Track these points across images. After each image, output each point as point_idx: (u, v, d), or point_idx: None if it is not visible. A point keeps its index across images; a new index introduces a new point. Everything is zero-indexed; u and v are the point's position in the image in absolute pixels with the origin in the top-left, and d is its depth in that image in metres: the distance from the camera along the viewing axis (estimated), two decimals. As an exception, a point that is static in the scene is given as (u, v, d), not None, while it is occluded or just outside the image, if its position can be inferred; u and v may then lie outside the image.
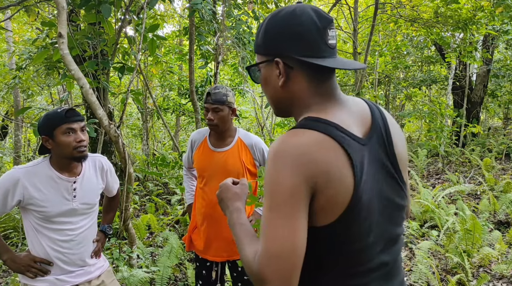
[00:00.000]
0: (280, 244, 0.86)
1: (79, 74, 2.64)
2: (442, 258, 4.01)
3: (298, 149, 0.89)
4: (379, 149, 1.01)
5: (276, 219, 0.87)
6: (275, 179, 0.88)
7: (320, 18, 0.99)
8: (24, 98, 7.77)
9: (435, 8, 7.12)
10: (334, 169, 0.89)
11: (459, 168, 8.23)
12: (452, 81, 9.74)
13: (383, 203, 1.00)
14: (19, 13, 5.29)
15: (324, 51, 0.99)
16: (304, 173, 0.87)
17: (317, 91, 1.02)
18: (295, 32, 0.98)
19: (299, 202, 0.87)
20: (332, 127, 0.94)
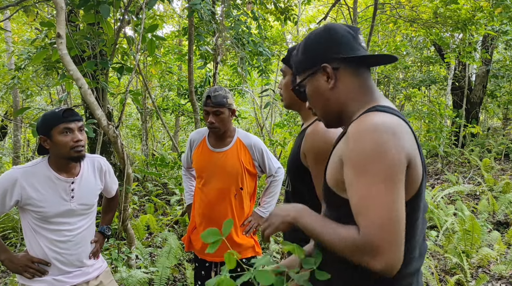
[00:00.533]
0: (388, 212, 0.90)
1: (78, 74, 2.64)
2: (441, 258, 4.01)
3: (394, 128, 0.95)
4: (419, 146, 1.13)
5: (379, 190, 0.91)
6: (376, 152, 0.92)
7: (350, 27, 1.14)
8: (23, 98, 7.76)
9: (434, 9, 7.12)
10: (416, 152, 0.98)
11: (458, 169, 8.23)
12: (451, 81, 9.75)
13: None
14: (19, 13, 5.29)
15: (361, 51, 1.12)
16: (405, 149, 0.94)
17: (365, 87, 1.12)
18: (335, 39, 1.11)
19: (401, 174, 0.93)
20: (400, 114, 1.04)
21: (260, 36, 5.50)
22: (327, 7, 9.70)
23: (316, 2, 9.42)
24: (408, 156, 0.95)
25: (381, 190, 0.91)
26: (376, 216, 0.90)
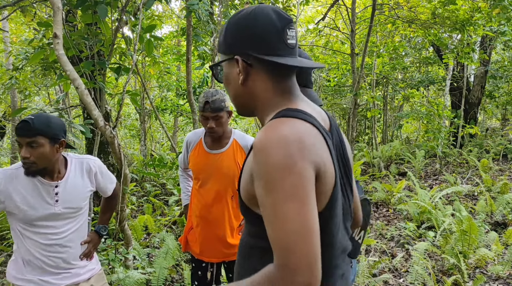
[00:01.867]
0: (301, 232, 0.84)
1: (75, 75, 2.63)
2: (438, 259, 4.01)
3: (300, 137, 0.89)
4: (338, 149, 1.07)
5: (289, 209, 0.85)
6: (282, 166, 0.86)
7: (279, 18, 1.01)
8: (21, 99, 7.75)
9: (433, 9, 7.13)
10: (326, 159, 0.93)
11: (456, 169, 8.24)
12: (449, 82, 9.76)
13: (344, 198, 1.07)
14: (16, 13, 5.28)
15: (282, 50, 1.01)
16: (311, 159, 0.88)
17: (279, 89, 1.04)
18: (254, 31, 1.00)
19: (311, 188, 0.87)
20: (313, 119, 0.97)
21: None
22: (326, 7, 9.71)
23: (315, 2, 9.42)
24: (316, 167, 0.89)
25: (291, 208, 0.85)
26: (288, 240, 0.84)
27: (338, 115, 14.83)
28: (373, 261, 3.91)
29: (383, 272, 3.77)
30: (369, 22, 6.58)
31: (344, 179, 1.07)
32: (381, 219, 5.64)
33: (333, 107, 13.71)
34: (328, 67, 11.84)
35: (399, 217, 5.63)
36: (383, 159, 9.77)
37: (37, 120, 1.74)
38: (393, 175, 8.03)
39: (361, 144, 11.71)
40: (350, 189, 1.11)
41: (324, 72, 12.05)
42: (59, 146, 1.83)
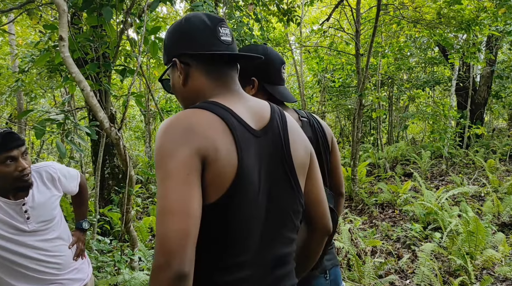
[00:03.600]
0: (175, 206, 0.85)
1: (80, 77, 2.65)
2: (445, 260, 3.98)
3: (189, 124, 0.92)
4: (274, 148, 1.04)
5: (170, 187, 0.87)
6: (166, 150, 0.90)
7: (210, 18, 1.07)
8: (27, 101, 7.80)
9: (438, 9, 7.10)
10: (222, 147, 0.93)
11: (463, 170, 8.19)
12: (455, 82, 9.70)
13: (273, 202, 1.02)
14: (22, 16, 5.32)
15: (218, 46, 1.05)
16: (195, 145, 0.90)
17: (216, 84, 1.07)
18: (187, 32, 1.06)
19: (191, 171, 0.88)
20: (225, 111, 0.98)
21: (262, 38, 5.50)
22: (330, 8, 9.69)
23: (319, 3, 9.41)
24: (202, 154, 0.90)
25: (168, 190, 0.87)
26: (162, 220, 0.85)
27: (343, 115, 14.80)
28: (379, 262, 3.90)
29: (389, 273, 3.75)
30: (374, 22, 6.56)
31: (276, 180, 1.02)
32: (387, 220, 5.61)
33: (338, 108, 13.68)
34: (333, 68, 11.82)
35: (405, 218, 5.60)
36: (389, 160, 9.72)
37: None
38: (399, 176, 7.99)
39: (366, 145, 11.67)
40: (297, 187, 1.07)
41: (329, 73, 12.03)
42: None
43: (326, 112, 14.39)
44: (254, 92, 1.48)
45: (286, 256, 1.07)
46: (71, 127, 2.80)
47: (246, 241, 0.98)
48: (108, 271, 3.34)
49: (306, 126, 1.53)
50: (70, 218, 5.06)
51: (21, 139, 1.68)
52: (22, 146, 1.68)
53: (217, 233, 0.96)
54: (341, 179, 1.66)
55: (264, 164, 1.01)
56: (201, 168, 0.91)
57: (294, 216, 1.08)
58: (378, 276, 3.66)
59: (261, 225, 1.00)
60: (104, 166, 5.19)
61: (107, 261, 3.38)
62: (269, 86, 1.48)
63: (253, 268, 0.99)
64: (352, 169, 6.72)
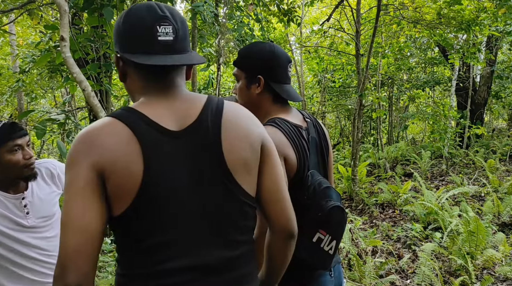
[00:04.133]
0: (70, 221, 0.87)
1: (81, 77, 2.65)
2: (445, 260, 3.99)
3: (89, 138, 0.92)
4: (200, 146, 0.98)
5: (66, 201, 0.89)
6: (68, 163, 0.92)
7: (151, 14, 0.99)
8: (28, 101, 7.81)
9: (438, 10, 7.10)
10: (122, 158, 0.91)
11: (463, 170, 8.19)
12: (455, 82, 9.71)
13: (204, 205, 0.98)
14: (23, 16, 5.33)
15: (152, 47, 0.98)
16: (91, 159, 0.90)
17: (146, 85, 1.03)
18: (121, 30, 1.01)
19: (87, 185, 0.89)
20: (135, 117, 0.95)
21: (263, 38, 5.51)
22: (331, 8, 9.70)
23: (319, 3, 9.42)
24: (99, 167, 0.90)
25: (66, 202, 0.90)
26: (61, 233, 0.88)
27: (343, 116, 14.81)
28: (380, 262, 3.90)
29: (389, 273, 3.76)
30: (374, 22, 6.56)
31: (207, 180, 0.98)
32: (387, 220, 5.61)
33: (338, 108, 13.69)
34: (333, 68, 11.82)
35: (406, 218, 5.60)
36: (389, 160, 9.73)
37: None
38: (399, 176, 8.00)
39: (367, 145, 11.68)
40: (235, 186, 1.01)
41: (329, 73, 12.04)
42: None
43: (326, 112, 14.40)
44: (260, 90, 1.47)
45: (232, 260, 1.01)
46: (72, 127, 2.81)
47: (170, 248, 0.95)
48: (109, 271, 3.34)
49: (311, 127, 1.51)
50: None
51: (24, 129, 1.71)
52: (26, 136, 1.70)
53: (137, 242, 0.95)
54: (332, 181, 1.65)
55: (188, 165, 0.97)
56: (100, 182, 0.91)
57: (239, 216, 1.02)
58: (379, 276, 3.66)
59: (193, 229, 0.96)
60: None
61: (108, 261, 3.38)
62: (275, 84, 1.46)
63: (187, 274, 0.96)
64: (352, 169, 6.72)
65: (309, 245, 1.33)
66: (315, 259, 1.35)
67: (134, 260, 0.96)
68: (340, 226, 1.41)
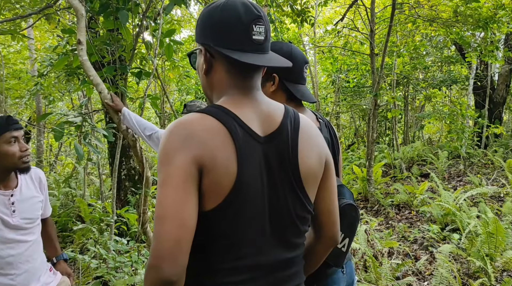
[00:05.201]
0: (169, 213, 0.87)
1: (98, 80, 2.69)
2: (464, 262, 3.92)
3: (188, 130, 0.93)
4: (280, 153, 1.02)
5: (165, 193, 0.89)
6: (166, 156, 0.91)
7: (247, 12, 1.00)
8: (45, 104, 7.95)
9: (454, 7, 6.99)
10: (220, 154, 0.92)
11: (481, 170, 8.04)
12: (473, 81, 9.54)
13: (276, 209, 1.01)
14: (41, 21, 5.43)
15: (246, 46, 1.00)
16: (192, 152, 0.91)
17: (233, 84, 1.04)
18: (217, 24, 1.01)
19: (187, 178, 0.89)
20: (229, 117, 0.97)
21: (276, 39, 5.50)
22: (344, 8, 9.64)
23: (333, 3, 9.36)
24: (199, 161, 0.91)
25: (162, 195, 0.89)
26: (157, 224, 0.87)
27: (358, 116, 14.69)
28: (396, 264, 3.85)
29: (406, 275, 3.71)
30: (389, 21, 6.50)
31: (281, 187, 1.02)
32: (403, 221, 5.54)
33: (352, 108, 13.59)
34: (347, 68, 11.74)
35: (422, 219, 5.52)
36: (405, 160, 9.61)
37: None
38: (415, 177, 7.89)
39: (382, 145, 11.56)
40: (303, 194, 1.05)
41: (343, 73, 11.96)
42: None
43: (341, 112, 14.31)
44: (274, 88, 1.48)
45: (291, 260, 1.07)
46: (88, 130, 2.84)
47: (245, 247, 0.99)
48: (125, 271, 3.38)
49: (324, 128, 1.53)
50: (87, 219, 5.14)
51: (19, 123, 1.74)
52: (21, 129, 1.74)
53: (216, 239, 0.97)
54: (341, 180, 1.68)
55: (268, 171, 1.00)
56: (199, 176, 0.92)
57: (300, 222, 1.07)
58: (395, 277, 3.62)
59: (262, 231, 1.01)
60: (120, 168, 5.26)
61: (125, 262, 3.42)
62: (290, 84, 1.48)
63: (253, 272, 1.00)
64: (367, 169, 6.66)
65: None
66: (328, 256, 1.37)
67: (211, 256, 0.98)
68: (353, 224, 1.43)
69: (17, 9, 4.29)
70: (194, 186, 0.91)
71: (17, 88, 7.41)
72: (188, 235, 0.88)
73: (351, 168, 7.72)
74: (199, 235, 0.94)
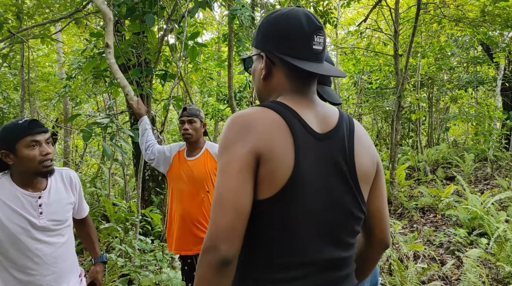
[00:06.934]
0: (226, 199, 0.92)
1: (125, 82, 2.75)
2: (492, 267, 3.81)
3: (248, 121, 0.97)
4: (336, 152, 1.04)
5: (223, 181, 0.93)
6: (226, 144, 0.96)
7: (309, 23, 1.04)
8: (72, 106, 8.16)
9: (482, 7, 6.83)
10: (278, 146, 0.95)
11: (509, 173, 7.81)
12: (501, 82, 9.28)
13: (332, 205, 1.02)
14: (69, 25, 5.59)
15: (306, 54, 1.05)
16: (250, 143, 0.94)
17: (292, 89, 1.08)
18: (281, 32, 1.05)
19: (243, 167, 0.93)
20: (289, 112, 1.01)
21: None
22: (367, 9, 9.54)
23: (356, 4, 9.29)
24: (257, 151, 0.94)
25: (220, 181, 0.93)
26: (214, 209, 0.92)
27: (380, 118, 14.49)
28: (422, 268, 3.78)
29: (432, 280, 3.64)
30: (414, 22, 6.40)
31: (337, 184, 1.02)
32: (428, 225, 5.44)
33: (375, 109, 13.42)
34: (370, 69, 11.61)
35: (448, 223, 5.40)
36: (429, 163, 9.42)
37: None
38: (440, 180, 7.73)
39: (405, 148, 11.37)
40: (358, 193, 1.06)
41: (366, 75, 11.83)
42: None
43: (363, 114, 14.15)
44: None
45: (344, 259, 1.06)
46: (114, 131, 2.90)
47: (298, 242, 0.99)
48: (150, 269, 3.43)
49: None
50: (113, 219, 5.24)
51: (45, 127, 1.74)
52: (46, 133, 1.72)
53: (268, 230, 0.98)
54: None
55: (325, 167, 1.01)
56: (256, 165, 0.95)
57: (354, 221, 1.07)
58: (421, 282, 3.55)
59: (316, 227, 1.01)
60: (144, 168, 5.34)
61: (150, 260, 3.47)
62: (319, 86, 1.56)
63: (305, 269, 1.00)
64: (390, 172, 6.56)
65: None
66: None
67: (262, 249, 1.00)
68: None
69: (47, 13, 4.43)
70: (250, 175, 0.94)
71: (46, 90, 7.62)
72: (241, 221, 0.92)
73: (374, 170, 7.61)
74: (252, 224, 0.97)
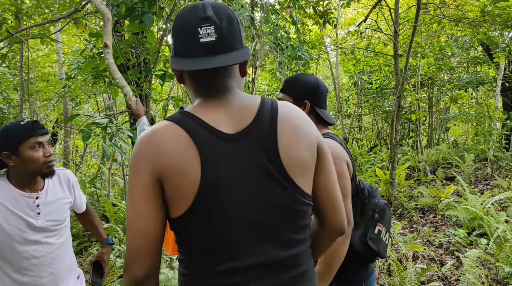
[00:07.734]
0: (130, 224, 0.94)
1: (123, 82, 2.74)
2: (492, 267, 3.81)
3: (150, 141, 0.96)
4: (255, 148, 0.98)
5: (128, 205, 0.96)
6: (130, 169, 0.98)
7: (193, 16, 0.97)
8: (72, 106, 8.16)
9: (482, 7, 6.83)
10: (180, 161, 0.94)
11: (509, 174, 7.80)
12: (501, 82, 9.27)
13: (261, 205, 0.98)
14: (68, 25, 5.59)
15: (196, 51, 0.97)
16: (150, 164, 0.94)
17: (199, 90, 1.05)
18: (174, 33, 1.02)
19: (145, 189, 0.94)
20: (193, 121, 0.98)
21: (298, 40, 5.49)
22: (367, 9, 9.53)
23: (356, 4, 9.28)
24: (156, 171, 0.94)
25: (128, 204, 0.95)
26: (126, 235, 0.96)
27: (380, 118, 14.48)
28: (421, 268, 3.78)
29: (431, 280, 3.63)
30: (414, 22, 6.39)
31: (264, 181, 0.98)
32: (428, 225, 5.43)
33: (375, 110, 13.41)
34: (370, 69, 11.61)
35: (448, 223, 5.40)
36: (429, 163, 9.42)
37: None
38: (440, 180, 7.73)
39: (405, 148, 11.36)
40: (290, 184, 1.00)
41: (366, 75, 11.82)
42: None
43: (363, 114, 14.14)
44: (306, 112, 1.68)
45: (290, 258, 1.02)
46: (114, 131, 2.90)
47: (229, 248, 0.97)
48: None
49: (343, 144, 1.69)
50: (112, 219, 5.24)
51: (46, 128, 1.76)
52: (47, 134, 1.75)
53: (197, 242, 0.99)
54: None
55: (244, 167, 0.97)
56: (159, 186, 0.95)
57: (296, 216, 1.02)
58: (420, 282, 3.55)
59: (248, 230, 0.97)
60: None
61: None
62: (318, 109, 1.69)
63: (245, 274, 0.98)
64: (390, 172, 6.56)
65: (374, 236, 1.61)
66: (380, 247, 1.61)
67: (195, 259, 1.00)
68: (390, 220, 1.70)
69: (47, 13, 4.43)
70: (152, 197, 0.95)
71: (46, 90, 7.62)
72: (149, 242, 0.95)
73: (374, 170, 7.61)
74: (180, 239, 1.00)
